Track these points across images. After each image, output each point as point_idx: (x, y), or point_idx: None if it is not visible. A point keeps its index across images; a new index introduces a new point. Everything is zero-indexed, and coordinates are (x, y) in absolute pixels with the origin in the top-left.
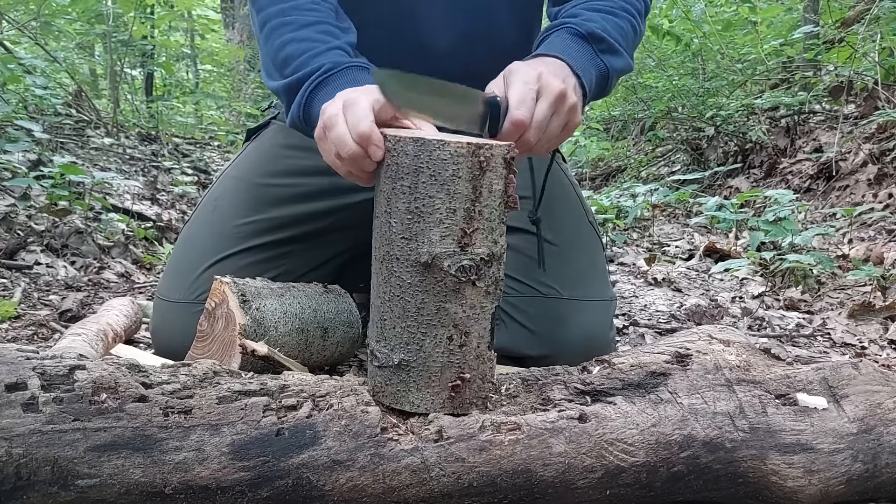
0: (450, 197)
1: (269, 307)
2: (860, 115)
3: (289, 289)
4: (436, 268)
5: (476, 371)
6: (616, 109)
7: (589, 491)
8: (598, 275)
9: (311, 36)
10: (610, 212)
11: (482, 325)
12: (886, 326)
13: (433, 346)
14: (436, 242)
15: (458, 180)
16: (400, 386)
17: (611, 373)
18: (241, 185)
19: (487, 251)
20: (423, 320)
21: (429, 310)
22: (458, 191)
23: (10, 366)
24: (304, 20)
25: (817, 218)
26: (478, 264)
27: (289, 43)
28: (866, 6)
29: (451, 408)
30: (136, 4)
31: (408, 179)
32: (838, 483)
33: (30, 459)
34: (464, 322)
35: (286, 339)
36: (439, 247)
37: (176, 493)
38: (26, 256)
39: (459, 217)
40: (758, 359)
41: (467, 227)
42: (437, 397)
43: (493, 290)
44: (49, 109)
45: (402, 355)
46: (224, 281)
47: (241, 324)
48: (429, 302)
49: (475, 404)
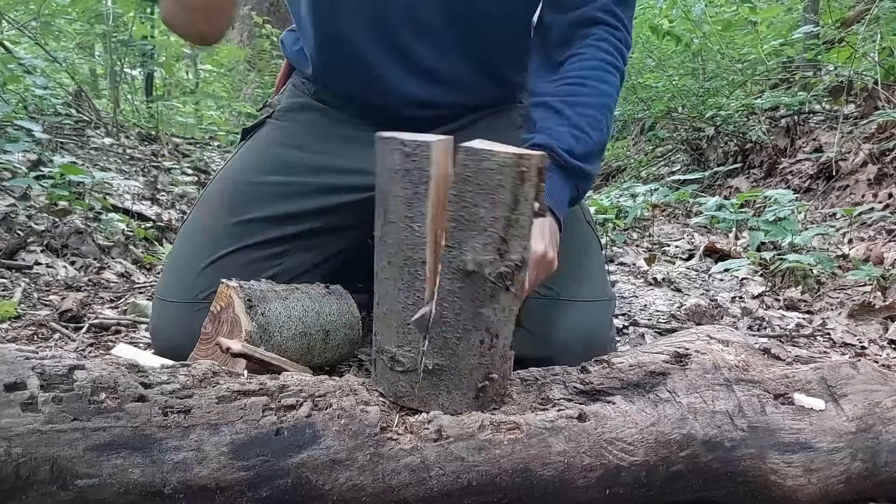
0: (493, 206)
1: (274, 311)
2: (860, 115)
3: (293, 291)
4: (478, 275)
5: (500, 370)
6: (616, 109)
7: (588, 490)
8: (597, 275)
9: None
10: (610, 212)
11: (509, 328)
12: (886, 326)
13: (466, 349)
14: (479, 250)
15: (502, 190)
16: (430, 390)
17: (610, 372)
18: (237, 184)
19: (520, 257)
20: (459, 325)
21: (466, 315)
22: (501, 200)
23: (10, 365)
24: None
25: (817, 218)
26: (513, 270)
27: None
28: (866, 6)
29: (476, 407)
30: (136, 4)
31: (454, 188)
32: (837, 482)
33: (29, 459)
34: (495, 325)
35: (289, 343)
36: (482, 254)
37: (175, 493)
38: (26, 256)
39: (500, 225)
40: (756, 358)
41: (506, 234)
42: (465, 398)
43: (520, 294)
44: (49, 109)
45: (436, 360)
46: (231, 285)
47: (247, 330)
48: (466, 308)
49: (495, 401)
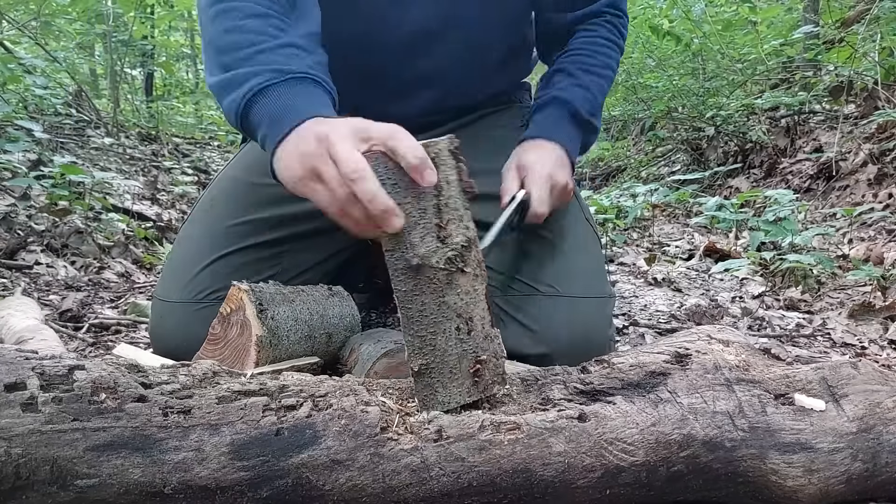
0: (417, 198)
1: (282, 315)
2: (860, 115)
3: (298, 293)
4: (426, 267)
5: (488, 350)
6: (616, 109)
7: (589, 490)
8: (597, 272)
9: (258, 28)
10: (610, 212)
11: (481, 307)
12: (886, 326)
13: (445, 340)
14: (418, 244)
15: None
16: (426, 391)
17: (610, 372)
18: (238, 185)
19: (464, 238)
20: (429, 320)
21: (431, 308)
22: (423, 191)
23: (10, 366)
24: (251, 10)
25: (817, 218)
26: (460, 252)
27: (234, 31)
28: (866, 6)
29: (476, 394)
30: (136, 4)
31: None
32: (838, 482)
33: (29, 459)
34: (465, 309)
35: (295, 347)
36: (423, 247)
37: (175, 493)
38: (26, 256)
39: (431, 214)
40: (757, 359)
41: (441, 221)
42: (462, 388)
43: (480, 272)
44: (49, 109)
45: (421, 360)
46: (242, 288)
47: (258, 335)
48: (429, 301)
49: (496, 382)
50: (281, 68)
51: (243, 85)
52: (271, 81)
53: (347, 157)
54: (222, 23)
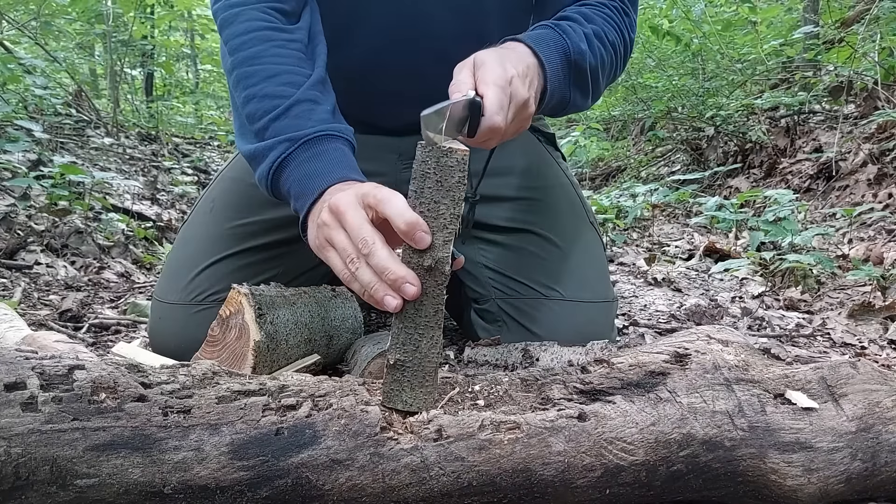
0: (453, 202)
1: (282, 319)
2: (860, 115)
3: (300, 295)
4: (437, 271)
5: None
6: (616, 109)
7: (588, 490)
8: (600, 276)
9: (272, 91)
10: (610, 212)
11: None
12: (886, 326)
13: (428, 346)
14: (439, 247)
15: (461, 187)
16: (394, 386)
17: (610, 372)
18: (237, 187)
19: (452, 249)
20: (420, 322)
21: (427, 312)
22: (458, 196)
23: (10, 365)
24: (266, 71)
25: (817, 218)
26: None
27: (252, 100)
28: (866, 6)
29: (434, 405)
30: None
31: (414, 183)
32: (837, 481)
33: (28, 459)
34: (443, 322)
35: (294, 350)
36: (441, 251)
37: (175, 493)
38: (26, 256)
39: (453, 220)
40: (756, 358)
41: (454, 228)
42: (429, 396)
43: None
44: (49, 109)
45: (399, 356)
46: (242, 291)
47: (256, 340)
48: (427, 304)
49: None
50: (293, 136)
51: (266, 159)
52: (287, 152)
53: (358, 227)
54: (242, 91)
